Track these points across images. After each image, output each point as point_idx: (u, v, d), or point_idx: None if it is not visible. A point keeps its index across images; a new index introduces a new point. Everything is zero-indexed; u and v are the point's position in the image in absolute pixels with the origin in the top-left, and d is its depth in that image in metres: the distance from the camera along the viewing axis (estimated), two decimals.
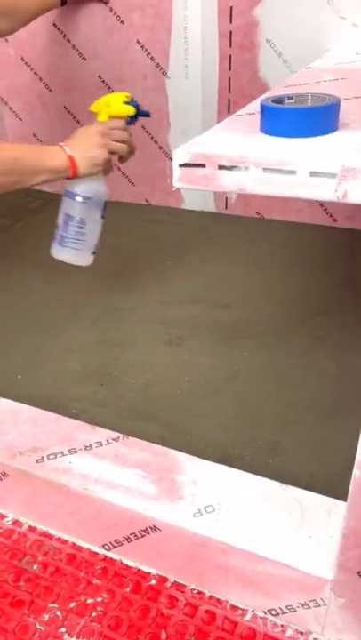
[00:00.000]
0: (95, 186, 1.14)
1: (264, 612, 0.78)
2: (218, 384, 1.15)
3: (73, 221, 1.14)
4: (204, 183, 0.77)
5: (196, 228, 1.84)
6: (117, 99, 1.13)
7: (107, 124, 1.12)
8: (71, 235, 1.15)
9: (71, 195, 1.14)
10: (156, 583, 0.84)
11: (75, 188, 1.13)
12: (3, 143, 1.12)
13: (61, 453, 0.89)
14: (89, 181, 1.13)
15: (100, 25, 1.78)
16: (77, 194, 1.13)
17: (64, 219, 1.15)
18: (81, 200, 1.13)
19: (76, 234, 1.15)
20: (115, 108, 1.13)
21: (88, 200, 1.13)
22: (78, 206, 1.14)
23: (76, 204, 1.14)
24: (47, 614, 0.80)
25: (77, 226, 1.15)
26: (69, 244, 1.16)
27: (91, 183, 1.13)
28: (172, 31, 1.71)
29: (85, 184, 1.13)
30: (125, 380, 1.16)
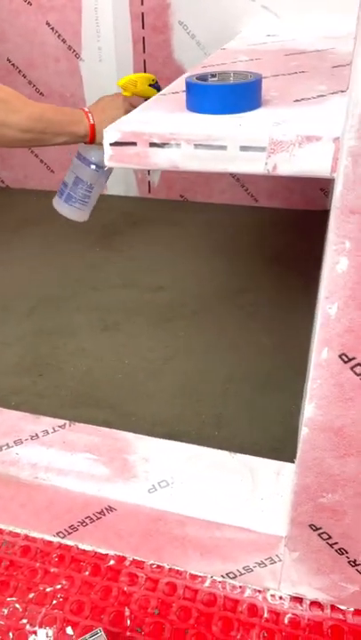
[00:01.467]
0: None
1: (222, 577, 0.81)
2: (158, 365, 1.16)
3: (83, 185, 1.20)
4: (136, 161, 0.77)
5: (120, 213, 1.83)
6: (144, 79, 1.17)
7: (131, 101, 1.15)
8: (79, 196, 1.21)
9: (86, 161, 1.19)
10: (115, 563, 0.84)
11: (91, 156, 1.18)
12: (29, 100, 1.10)
13: (7, 445, 0.87)
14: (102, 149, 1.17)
15: (7, 6, 1.72)
16: (93, 162, 1.18)
17: (74, 180, 1.21)
18: (94, 168, 1.18)
19: (84, 196, 1.22)
20: (140, 88, 1.17)
21: (101, 169, 1.19)
22: (91, 173, 1.19)
23: (89, 171, 1.19)
24: (6, 608, 0.79)
25: (86, 189, 1.21)
26: (75, 203, 1.22)
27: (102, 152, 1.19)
28: (82, 12, 1.68)
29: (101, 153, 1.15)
30: (65, 368, 1.15)
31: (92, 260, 1.54)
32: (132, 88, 1.16)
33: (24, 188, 2.02)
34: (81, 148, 1.20)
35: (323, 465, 0.66)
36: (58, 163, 1.95)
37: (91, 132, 1.12)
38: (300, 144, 0.60)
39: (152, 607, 0.79)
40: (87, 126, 1.11)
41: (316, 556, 0.74)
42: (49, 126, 1.08)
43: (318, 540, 0.72)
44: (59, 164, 1.95)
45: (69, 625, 0.77)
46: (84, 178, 1.20)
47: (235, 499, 0.78)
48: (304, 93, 0.79)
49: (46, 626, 0.77)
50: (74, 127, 1.10)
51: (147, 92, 1.18)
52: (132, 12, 1.64)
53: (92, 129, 1.12)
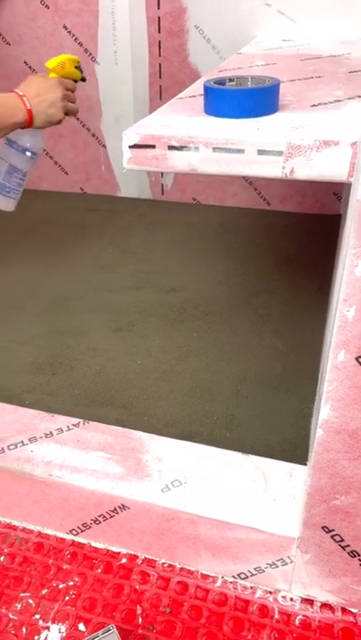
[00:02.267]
0: (40, 141, 1.13)
1: (234, 577, 0.82)
2: (170, 365, 1.17)
3: (18, 173, 1.12)
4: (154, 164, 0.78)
5: (133, 215, 1.85)
6: (71, 62, 1.13)
7: (65, 84, 1.09)
8: (13, 185, 1.13)
9: (20, 148, 1.10)
10: (127, 561, 0.85)
11: (25, 142, 1.10)
12: None
13: (22, 443, 0.88)
14: (38, 137, 1.11)
15: (24, 9, 1.74)
16: (28, 148, 1.10)
17: (7, 169, 1.12)
18: (30, 155, 1.11)
19: (18, 185, 1.13)
20: (68, 70, 1.12)
21: (35, 155, 1.12)
22: (26, 160, 1.12)
23: (24, 157, 1.11)
24: (19, 603, 0.80)
25: (21, 177, 1.13)
26: (10, 193, 1.14)
27: (38, 138, 1.12)
28: (99, 15, 1.69)
29: (35, 139, 1.10)
30: (78, 367, 1.16)
31: (105, 262, 1.56)
32: (61, 70, 1.11)
33: (38, 189, 2.04)
34: (12, 134, 1.11)
35: (337, 467, 0.66)
36: (71, 165, 1.97)
37: (28, 116, 1.03)
38: (317, 148, 0.61)
39: (164, 606, 0.79)
40: (24, 112, 1.02)
41: (328, 558, 0.74)
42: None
43: (331, 543, 0.73)
44: (72, 166, 1.97)
45: (82, 621, 0.77)
46: (19, 166, 1.12)
47: (247, 499, 0.79)
48: (321, 98, 0.79)
49: (59, 622, 0.78)
50: (13, 118, 1.02)
51: (73, 74, 1.14)
52: (148, 16, 1.65)
53: (29, 114, 1.03)
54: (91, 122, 1.87)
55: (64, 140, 1.92)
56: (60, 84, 1.07)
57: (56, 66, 1.12)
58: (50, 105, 1.05)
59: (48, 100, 1.04)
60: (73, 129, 1.89)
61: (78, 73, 1.14)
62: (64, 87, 1.08)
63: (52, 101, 1.05)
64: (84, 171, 1.97)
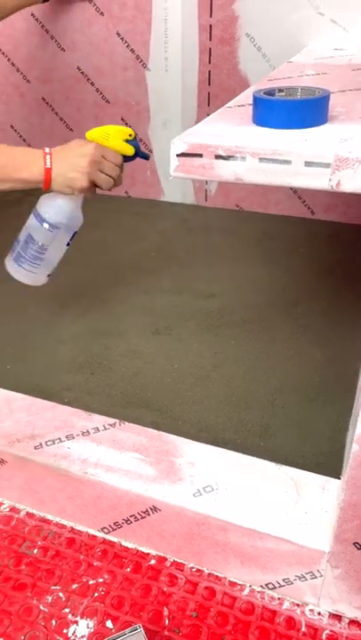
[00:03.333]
0: (67, 213, 1.03)
1: (262, 587, 0.81)
2: (207, 371, 1.18)
3: (34, 245, 1.04)
4: (201, 172, 0.79)
5: (176, 220, 1.86)
6: (118, 134, 1.01)
7: (103, 153, 0.99)
8: (29, 257, 1.05)
9: (39, 218, 1.02)
10: (156, 563, 0.86)
11: (44, 212, 1.02)
12: None
13: (59, 439, 0.90)
14: (61, 208, 1.02)
15: (80, 16, 1.78)
16: (45, 220, 1.02)
17: (25, 238, 1.05)
18: (47, 227, 1.02)
19: (34, 258, 1.05)
20: (112, 143, 1.00)
21: (55, 229, 1.03)
22: (43, 232, 1.03)
23: (40, 228, 1.03)
24: (50, 596, 0.82)
25: (37, 250, 1.04)
26: (24, 264, 1.06)
27: (63, 210, 1.02)
28: (152, 23, 1.72)
29: (57, 210, 1.02)
30: (116, 368, 1.18)
31: (146, 265, 1.58)
32: (104, 141, 1.00)
33: None
34: (38, 203, 1.03)
35: None
36: None
37: (46, 177, 0.95)
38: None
39: (190, 610, 0.80)
40: (42, 170, 0.95)
41: (359, 574, 0.73)
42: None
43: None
44: None
45: (109, 618, 0.79)
46: (36, 237, 1.03)
47: (278, 510, 0.79)
48: None
49: (87, 617, 0.79)
50: (22, 173, 0.95)
51: (120, 149, 1.01)
52: (200, 24, 1.67)
53: (47, 173, 0.95)
54: (138, 127, 1.90)
55: None
56: (95, 149, 0.97)
57: (98, 136, 1.00)
58: (72, 168, 0.96)
59: (71, 162, 0.96)
60: None
61: (129, 148, 1.01)
62: (100, 154, 0.98)
63: (76, 165, 0.96)
64: (130, 175, 2.00)
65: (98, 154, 0.97)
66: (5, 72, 1.97)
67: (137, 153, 1.04)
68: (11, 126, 2.07)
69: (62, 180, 0.96)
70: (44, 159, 0.95)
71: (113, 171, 1.01)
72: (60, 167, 0.95)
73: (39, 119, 2.01)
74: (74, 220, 1.05)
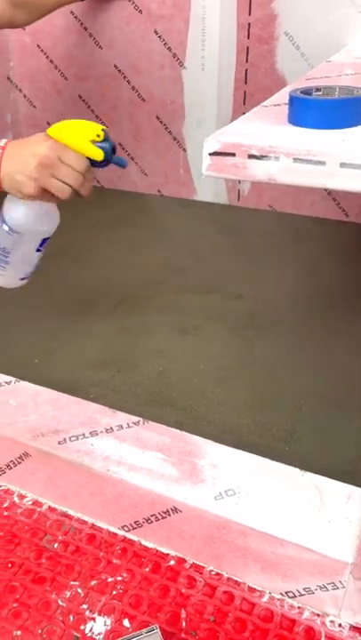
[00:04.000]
0: (30, 218, 0.90)
1: (281, 594, 0.80)
2: (233, 372, 1.17)
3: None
4: (233, 172, 0.78)
5: (208, 219, 1.85)
6: (83, 132, 0.84)
7: (59, 154, 0.82)
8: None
9: (1, 218, 0.92)
10: (175, 564, 0.85)
11: (6, 214, 0.91)
12: None
13: (83, 435, 0.91)
14: (24, 211, 0.89)
15: (118, 13, 1.79)
16: (5, 222, 0.90)
17: None
18: (7, 230, 0.90)
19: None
20: (75, 143, 0.83)
21: (14, 234, 0.91)
22: (3, 235, 0.92)
23: (2, 231, 0.92)
24: (69, 591, 0.82)
25: (0, 253, 0.94)
26: None
27: (25, 214, 0.89)
28: (190, 21, 1.71)
29: (18, 214, 0.89)
30: (142, 366, 1.18)
31: (176, 264, 1.57)
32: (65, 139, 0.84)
33: (117, 188, 2.09)
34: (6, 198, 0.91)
35: None
36: (151, 167, 2.00)
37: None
38: None
39: (208, 613, 0.79)
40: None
41: None
42: None
43: None
44: (152, 168, 2.00)
45: (127, 617, 0.79)
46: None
47: (301, 517, 0.77)
48: None
49: (105, 614, 0.79)
50: None
51: (84, 150, 0.84)
52: (238, 23, 1.65)
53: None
54: (173, 125, 1.90)
55: (147, 142, 1.96)
56: (49, 149, 0.81)
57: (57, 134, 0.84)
58: (19, 169, 0.81)
59: (20, 162, 0.81)
60: (156, 132, 1.93)
61: (95, 151, 0.84)
62: (56, 156, 0.81)
63: (23, 166, 0.81)
64: (163, 173, 2.00)
65: (52, 155, 0.81)
66: (44, 69, 1.99)
67: (107, 158, 0.87)
68: (47, 122, 2.09)
69: (10, 182, 0.83)
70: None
71: (70, 177, 0.83)
72: (8, 166, 0.81)
73: (75, 116, 2.01)
74: (40, 224, 0.92)
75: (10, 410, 0.96)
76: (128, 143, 1.99)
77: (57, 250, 1.63)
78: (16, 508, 0.94)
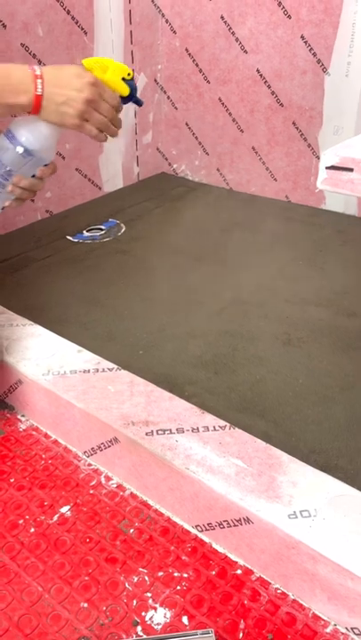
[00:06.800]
0: (47, 142, 0.91)
1: (347, 629, 0.77)
2: (332, 391, 1.13)
3: (0, 169, 0.92)
4: (349, 188, 0.75)
5: (333, 230, 1.80)
6: (117, 70, 0.89)
7: (101, 90, 0.87)
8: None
9: (14, 140, 0.90)
10: (242, 574, 0.85)
11: (22, 135, 0.90)
12: None
13: (170, 431, 0.93)
14: (43, 135, 0.90)
15: (266, 19, 1.79)
16: (22, 143, 0.90)
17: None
18: (21, 152, 0.90)
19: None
20: (110, 79, 0.89)
21: (29, 157, 0.91)
22: (15, 156, 0.91)
23: (13, 153, 0.91)
24: (136, 577, 0.85)
25: (2, 175, 0.93)
26: None
27: (44, 137, 0.90)
28: (339, 27, 1.67)
29: (37, 137, 0.90)
30: (240, 372, 1.18)
31: (291, 273, 1.55)
32: (100, 73, 0.88)
33: (245, 191, 2.10)
34: (13, 123, 0.91)
35: None
36: (282, 172, 1.98)
37: (35, 104, 0.84)
38: None
39: (267, 630, 0.78)
40: (31, 96, 0.84)
41: None
42: None
43: None
44: (282, 174, 1.99)
45: (186, 615, 0.80)
46: (4, 160, 0.91)
47: None
48: None
49: (166, 607, 0.81)
50: (9, 98, 0.84)
51: (117, 86, 0.89)
52: None
53: (37, 100, 0.84)
54: (309, 132, 1.86)
55: (280, 148, 1.95)
56: (93, 85, 0.86)
57: (95, 66, 0.88)
58: (65, 102, 0.85)
59: (66, 95, 0.85)
60: (291, 138, 1.91)
61: (124, 87, 0.90)
62: (98, 92, 0.86)
63: (71, 99, 0.85)
64: (293, 179, 1.97)
65: (95, 92, 0.86)
66: (189, 73, 2.05)
67: (132, 95, 0.91)
68: (186, 124, 2.16)
69: (53, 111, 0.86)
70: (35, 84, 0.84)
71: (108, 112, 0.88)
72: (52, 96, 0.84)
73: (213, 118, 2.07)
74: (50, 151, 0.93)
75: (108, 395, 1.02)
76: (261, 147, 1.99)
77: (174, 248, 1.69)
78: (101, 489, 0.99)
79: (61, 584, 0.84)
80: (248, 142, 2.02)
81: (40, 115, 0.86)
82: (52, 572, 0.86)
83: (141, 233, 1.81)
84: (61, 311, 1.39)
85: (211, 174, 2.18)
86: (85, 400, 1.00)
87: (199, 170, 2.21)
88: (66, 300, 1.45)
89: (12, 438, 1.10)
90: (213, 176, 2.18)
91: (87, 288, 1.50)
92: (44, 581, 0.85)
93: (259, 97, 1.92)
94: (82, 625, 0.79)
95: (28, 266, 1.61)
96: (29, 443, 1.09)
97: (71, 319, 1.37)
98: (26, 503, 0.97)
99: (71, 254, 1.68)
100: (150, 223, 1.88)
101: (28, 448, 1.08)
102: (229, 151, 2.08)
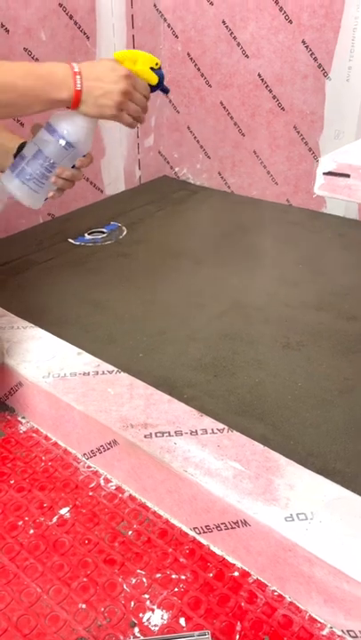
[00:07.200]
0: (85, 134, 0.97)
1: (343, 632, 0.77)
2: (331, 395, 1.13)
3: (45, 161, 0.97)
4: (346, 193, 0.76)
5: (334, 233, 1.80)
6: (146, 61, 0.95)
7: (134, 82, 0.93)
8: (36, 174, 0.98)
9: (55, 133, 0.96)
10: (239, 576, 0.86)
11: (63, 129, 0.96)
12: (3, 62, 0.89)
13: (168, 433, 0.94)
14: (82, 127, 0.96)
15: (267, 24, 1.80)
16: (64, 136, 0.96)
17: (35, 153, 0.98)
18: (64, 144, 0.96)
19: (41, 176, 0.98)
20: (141, 69, 0.94)
21: (71, 148, 0.97)
22: (58, 149, 0.97)
23: (56, 146, 0.96)
24: (134, 578, 0.86)
25: (47, 168, 0.98)
26: (30, 182, 0.99)
27: (84, 129, 0.96)
28: (340, 32, 1.67)
29: (77, 129, 0.96)
30: (239, 375, 1.19)
31: (292, 276, 1.55)
32: (131, 64, 0.93)
33: (246, 195, 2.11)
34: (53, 118, 0.97)
35: None
36: (283, 176, 1.99)
37: (75, 98, 0.90)
38: None
39: (264, 632, 0.79)
40: (71, 91, 0.89)
41: None
42: (19, 96, 0.88)
43: None
44: (283, 178, 1.99)
45: (183, 616, 0.81)
46: (48, 153, 0.96)
47: None
48: None
49: (164, 609, 0.82)
50: (52, 94, 0.89)
51: (147, 75, 0.94)
52: None
53: (76, 95, 0.90)
54: (310, 136, 1.87)
55: (281, 151, 1.95)
56: (127, 77, 0.92)
57: (126, 58, 0.94)
58: (104, 94, 0.91)
59: (104, 88, 0.91)
60: (292, 142, 1.91)
61: (154, 76, 0.96)
62: (132, 84, 0.92)
63: (109, 91, 0.91)
64: (294, 183, 1.98)
65: (130, 83, 0.92)
66: (190, 77, 2.07)
67: (160, 83, 0.97)
68: (187, 127, 2.17)
69: (92, 104, 0.91)
70: (74, 80, 0.90)
71: (141, 102, 0.95)
72: (90, 90, 0.90)
73: (214, 122, 2.08)
74: (88, 142, 0.99)
75: (107, 398, 1.02)
76: (262, 151, 2.00)
77: (175, 251, 1.70)
78: (100, 491, 1.00)
79: (60, 585, 0.85)
80: (249, 146, 2.03)
81: (79, 108, 0.92)
82: (50, 574, 0.87)
83: (143, 236, 1.82)
84: (62, 314, 1.40)
85: (212, 178, 2.19)
86: (85, 402, 1.01)
87: (201, 173, 2.22)
88: (67, 302, 1.46)
89: (13, 440, 1.11)
90: (215, 179, 2.18)
91: (88, 291, 1.51)
92: (42, 582, 0.85)
93: (260, 101, 1.93)
94: (80, 626, 0.80)
95: (30, 269, 1.62)
96: (30, 445, 1.10)
97: (72, 322, 1.37)
98: (25, 505, 0.97)
99: (73, 257, 1.69)
100: (152, 226, 1.89)
101: (28, 450, 1.08)
102: (231, 155, 2.09)
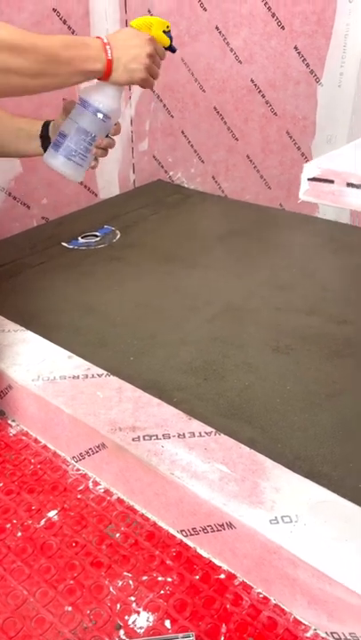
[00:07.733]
0: (118, 102, 1.03)
1: (326, 634, 0.78)
2: (320, 398, 1.14)
3: (87, 136, 1.03)
4: (330, 198, 0.77)
5: (326, 238, 1.81)
6: (159, 25, 1.02)
7: (155, 45, 1.00)
8: (81, 150, 1.04)
9: (91, 107, 1.02)
10: (225, 578, 0.86)
11: (98, 102, 1.01)
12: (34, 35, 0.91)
13: (156, 436, 0.95)
14: (113, 97, 1.02)
15: (260, 30, 1.81)
16: (100, 109, 1.01)
17: (76, 131, 1.03)
18: (101, 117, 1.02)
19: (85, 150, 1.04)
20: (155, 33, 1.02)
21: (107, 119, 1.03)
22: (97, 122, 1.03)
23: (93, 119, 1.02)
24: (121, 581, 0.86)
25: (89, 142, 1.04)
26: (75, 157, 1.04)
27: (115, 99, 1.02)
28: (331, 38, 1.69)
29: (109, 99, 1.01)
30: (229, 378, 1.19)
31: (284, 281, 1.56)
32: (147, 30, 1.01)
33: (239, 199, 2.12)
34: (84, 93, 1.02)
35: None
36: (276, 180, 2.00)
37: (107, 68, 0.94)
38: None
39: (248, 634, 0.79)
40: (104, 61, 0.94)
41: None
42: (61, 67, 0.91)
43: None
44: (276, 182, 2.00)
45: (169, 619, 0.81)
46: (87, 127, 1.02)
47: (356, 560, 0.74)
48: None
49: (149, 611, 0.82)
50: (89, 64, 0.93)
51: (161, 39, 1.02)
52: None
53: (108, 65, 0.94)
54: (302, 141, 1.88)
55: (274, 155, 1.97)
56: (150, 41, 0.98)
57: (142, 25, 1.02)
58: (133, 59, 0.96)
59: (132, 53, 0.96)
60: (284, 147, 1.93)
61: (166, 39, 1.04)
62: (154, 47, 0.98)
63: (137, 56, 0.96)
64: (287, 187, 1.99)
65: (153, 47, 0.98)
66: (184, 82, 2.08)
67: (170, 45, 1.05)
68: (182, 132, 2.18)
69: (123, 71, 0.96)
70: (105, 50, 0.94)
71: (159, 64, 1.02)
72: (120, 57, 0.95)
73: (208, 126, 2.09)
74: (119, 110, 1.04)
75: (96, 401, 1.03)
76: (256, 156, 2.01)
77: (168, 255, 1.71)
78: (89, 493, 1.00)
79: (46, 588, 0.85)
80: (243, 151, 2.04)
81: (110, 78, 0.97)
82: (37, 576, 0.87)
83: (136, 240, 1.83)
84: (55, 317, 1.41)
85: (206, 182, 2.20)
86: (74, 405, 1.02)
87: (195, 177, 2.23)
88: (60, 306, 1.46)
89: (2, 443, 1.11)
90: (209, 184, 2.19)
91: (81, 294, 1.52)
92: (29, 585, 0.86)
93: (253, 106, 1.94)
94: (65, 628, 0.80)
95: (23, 272, 1.63)
96: (19, 447, 1.10)
97: (64, 325, 1.38)
98: (14, 507, 0.98)
99: (66, 261, 1.70)
100: (145, 230, 1.90)
101: (17, 453, 1.09)
102: (224, 159, 2.10)
